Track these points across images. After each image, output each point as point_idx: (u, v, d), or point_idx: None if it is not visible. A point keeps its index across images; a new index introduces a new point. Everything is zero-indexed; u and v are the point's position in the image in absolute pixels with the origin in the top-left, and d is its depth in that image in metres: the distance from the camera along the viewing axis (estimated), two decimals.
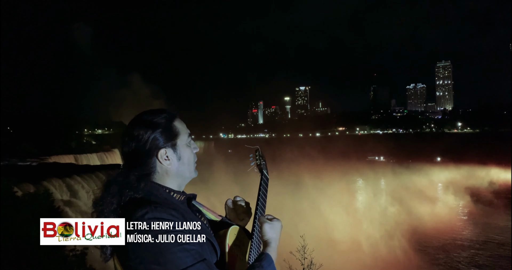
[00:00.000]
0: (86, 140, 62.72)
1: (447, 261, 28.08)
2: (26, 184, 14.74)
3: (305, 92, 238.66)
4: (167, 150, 1.34)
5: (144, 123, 1.34)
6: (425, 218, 36.85)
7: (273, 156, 54.19)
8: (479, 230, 35.16)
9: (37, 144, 42.58)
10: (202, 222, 1.34)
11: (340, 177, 48.37)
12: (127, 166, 1.34)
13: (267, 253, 1.32)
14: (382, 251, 27.74)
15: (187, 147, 1.40)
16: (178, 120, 1.41)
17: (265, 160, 1.68)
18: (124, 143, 1.35)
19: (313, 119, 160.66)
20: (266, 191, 1.58)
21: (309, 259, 5.19)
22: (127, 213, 1.21)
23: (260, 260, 1.28)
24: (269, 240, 1.37)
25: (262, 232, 1.39)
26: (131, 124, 1.37)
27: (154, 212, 1.17)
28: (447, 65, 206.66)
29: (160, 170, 1.35)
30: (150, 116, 1.36)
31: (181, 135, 1.39)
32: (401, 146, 75.70)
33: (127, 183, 1.28)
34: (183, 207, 1.34)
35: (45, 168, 24.74)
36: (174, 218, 1.18)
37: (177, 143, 1.37)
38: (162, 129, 1.34)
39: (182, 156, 1.38)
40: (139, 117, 1.37)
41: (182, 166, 1.38)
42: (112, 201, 1.26)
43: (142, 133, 1.32)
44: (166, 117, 1.37)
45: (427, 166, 59.07)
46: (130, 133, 1.34)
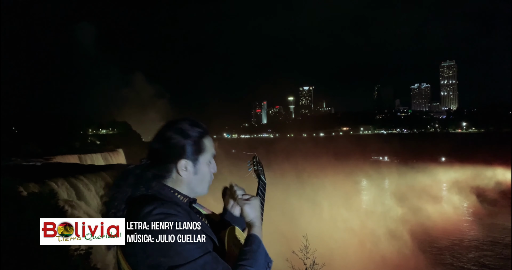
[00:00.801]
0: (90, 140, 63.03)
1: (452, 262, 27.95)
2: (31, 184, 14.81)
3: (309, 92, 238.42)
4: (188, 162, 1.40)
5: (179, 130, 1.40)
6: (430, 219, 36.69)
7: (275, 156, 54.13)
8: (484, 230, 34.94)
9: (41, 144, 42.80)
10: (203, 222, 1.40)
11: (344, 177, 48.22)
12: (147, 162, 1.41)
13: (254, 234, 1.37)
14: (386, 251, 27.63)
15: (206, 166, 1.45)
16: (209, 138, 1.47)
17: (262, 166, 1.75)
18: (154, 140, 1.42)
19: (317, 119, 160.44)
20: (264, 195, 1.64)
21: (312, 258, 5.20)
22: (136, 209, 1.26)
23: (251, 244, 1.33)
24: (253, 220, 1.42)
25: (244, 213, 1.44)
26: (167, 125, 1.44)
27: (162, 207, 1.23)
28: (452, 64, 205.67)
29: (175, 177, 1.41)
30: (187, 126, 1.42)
31: (206, 153, 1.44)
32: (405, 146, 75.42)
33: (142, 177, 1.36)
34: (185, 207, 1.39)
35: (50, 168, 24.85)
36: (179, 213, 1.25)
37: (199, 159, 1.42)
38: (192, 141, 1.40)
39: (199, 172, 1.43)
40: (177, 123, 1.43)
41: (196, 181, 1.43)
42: (127, 190, 1.32)
43: (173, 138, 1.38)
44: (200, 132, 1.43)
45: (432, 166, 58.73)
46: (164, 134, 1.41)
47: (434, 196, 45.70)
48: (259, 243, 1.35)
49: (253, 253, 1.29)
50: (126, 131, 72.18)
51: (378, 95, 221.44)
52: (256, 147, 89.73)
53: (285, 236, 18.46)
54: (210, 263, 1.18)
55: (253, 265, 1.26)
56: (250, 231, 1.40)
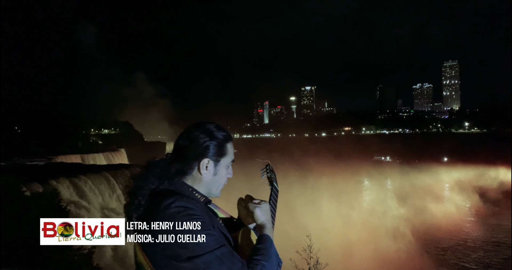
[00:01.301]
0: (92, 140, 63.15)
1: (456, 262, 27.90)
2: (33, 184, 14.86)
3: (311, 92, 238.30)
4: (210, 162, 1.49)
5: (207, 131, 1.50)
6: (433, 218, 36.64)
7: (278, 155, 54.16)
8: (487, 231, 34.87)
9: (44, 144, 42.92)
10: (217, 221, 1.47)
11: (347, 177, 48.23)
12: (172, 157, 1.50)
13: (266, 234, 1.46)
14: (390, 250, 27.60)
15: (225, 169, 1.55)
16: (231, 144, 1.58)
17: (275, 173, 1.82)
18: (181, 137, 1.51)
19: (318, 119, 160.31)
20: (276, 201, 1.72)
21: (315, 258, 5.19)
22: (156, 201, 1.33)
23: (263, 242, 1.42)
24: (264, 222, 1.50)
25: (255, 216, 1.51)
26: (195, 125, 1.53)
27: (181, 201, 1.32)
28: (454, 64, 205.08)
29: (195, 175, 1.49)
30: (214, 128, 1.52)
31: (227, 157, 1.54)
32: (407, 146, 75.24)
33: (167, 170, 1.44)
34: (202, 204, 1.47)
35: (52, 167, 24.92)
36: (197, 207, 1.33)
37: (221, 161, 1.52)
38: (217, 143, 1.50)
39: (218, 173, 1.52)
40: (205, 124, 1.53)
41: (214, 182, 1.52)
42: (153, 181, 1.41)
43: (200, 137, 1.48)
44: (225, 136, 1.54)
45: (434, 166, 58.65)
46: (191, 132, 1.50)
47: (437, 196, 45.64)
48: (271, 242, 1.43)
49: (266, 251, 1.37)
50: (128, 131, 72.28)
51: (380, 95, 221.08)
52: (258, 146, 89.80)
53: (288, 235, 18.46)
54: (227, 255, 1.26)
55: (267, 260, 1.34)
56: (261, 232, 1.49)
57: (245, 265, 1.28)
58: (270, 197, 1.68)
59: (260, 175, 1.77)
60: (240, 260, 1.28)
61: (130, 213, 1.39)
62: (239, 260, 1.28)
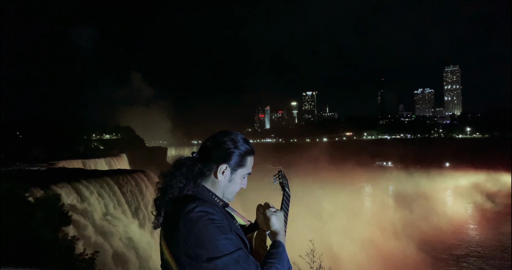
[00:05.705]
0: (94, 145, 63.19)
1: (457, 266, 27.76)
2: (35, 189, 14.87)
3: (312, 97, 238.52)
4: (228, 168, 1.60)
5: (233, 140, 1.62)
6: (434, 223, 36.48)
7: (279, 161, 54.11)
8: (490, 236, 34.73)
9: (46, 149, 43.01)
10: (235, 224, 1.59)
11: (348, 182, 48.15)
12: (197, 157, 1.62)
13: (279, 240, 1.58)
14: (392, 255, 27.46)
15: (240, 179, 1.66)
16: (252, 158, 1.68)
17: (287, 179, 1.90)
18: (208, 140, 1.64)
19: (320, 124, 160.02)
20: (288, 206, 1.82)
21: (318, 262, 5.21)
22: (180, 206, 1.44)
23: (277, 247, 1.52)
24: (278, 229, 1.62)
25: (271, 223, 1.62)
26: (225, 132, 1.66)
27: (203, 206, 1.42)
28: (456, 69, 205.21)
29: (211, 178, 1.61)
30: (241, 140, 1.65)
31: (245, 168, 1.65)
32: (409, 151, 74.97)
33: (192, 170, 1.56)
34: (221, 208, 1.58)
35: (54, 173, 24.96)
36: (217, 212, 1.43)
37: (238, 170, 1.63)
38: (239, 153, 1.61)
39: (233, 181, 1.63)
40: (232, 134, 1.66)
41: (227, 187, 1.63)
42: (181, 180, 1.53)
43: (226, 143, 1.60)
44: (248, 149, 1.65)
45: (436, 172, 58.50)
46: (219, 137, 1.63)
47: (439, 201, 45.50)
48: (283, 248, 1.54)
49: (279, 255, 1.48)
50: (129, 136, 72.11)
51: (381, 100, 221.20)
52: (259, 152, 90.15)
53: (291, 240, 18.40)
54: (243, 258, 1.36)
55: (280, 263, 1.44)
56: (275, 238, 1.60)
57: (259, 267, 1.39)
58: (282, 202, 1.78)
59: (272, 181, 1.84)
60: (254, 263, 1.38)
61: (160, 207, 1.53)
62: (253, 263, 1.38)
